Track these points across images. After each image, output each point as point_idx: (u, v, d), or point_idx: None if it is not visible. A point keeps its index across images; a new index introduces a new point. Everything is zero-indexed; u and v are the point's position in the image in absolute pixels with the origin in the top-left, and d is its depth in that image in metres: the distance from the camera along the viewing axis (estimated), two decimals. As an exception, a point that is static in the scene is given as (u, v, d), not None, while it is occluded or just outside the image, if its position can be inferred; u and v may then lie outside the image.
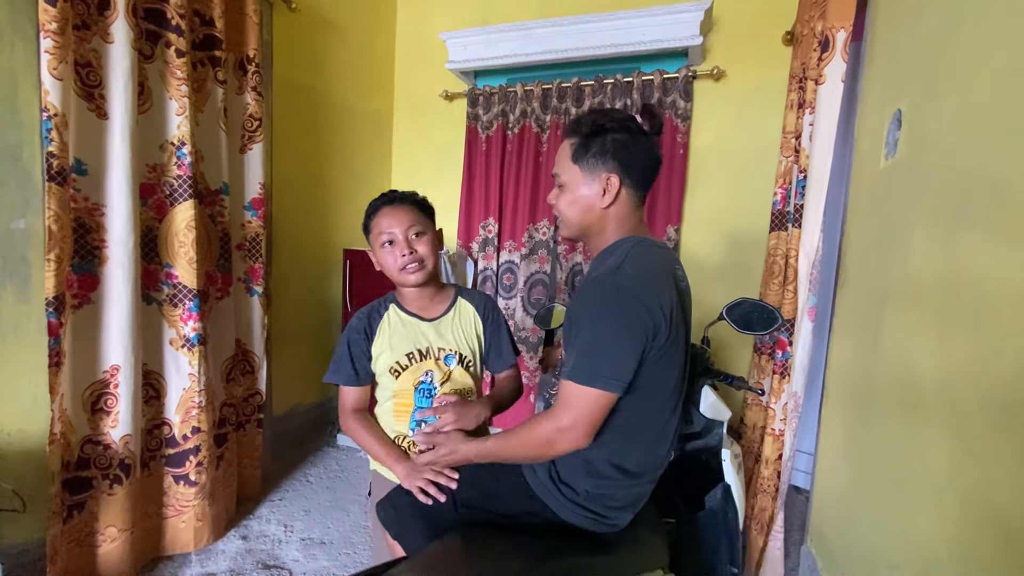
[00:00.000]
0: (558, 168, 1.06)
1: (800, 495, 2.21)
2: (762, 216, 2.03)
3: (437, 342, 1.23)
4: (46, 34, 1.25)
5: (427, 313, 1.24)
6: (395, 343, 1.21)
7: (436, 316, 1.24)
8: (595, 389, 0.88)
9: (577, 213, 1.04)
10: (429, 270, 1.19)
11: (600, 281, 0.93)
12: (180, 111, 1.57)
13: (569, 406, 0.90)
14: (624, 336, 0.89)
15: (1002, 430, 0.77)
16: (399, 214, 1.18)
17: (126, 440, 1.49)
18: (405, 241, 1.16)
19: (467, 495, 1.08)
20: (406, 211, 1.19)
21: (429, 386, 1.20)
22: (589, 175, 1.01)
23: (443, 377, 1.21)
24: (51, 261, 1.29)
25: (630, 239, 1.01)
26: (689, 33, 2.29)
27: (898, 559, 1.06)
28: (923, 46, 1.19)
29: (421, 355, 1.21)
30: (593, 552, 0.96)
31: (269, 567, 1.70)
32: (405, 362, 1.20)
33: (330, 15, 2.55)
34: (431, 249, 1.20)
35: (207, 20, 1.68)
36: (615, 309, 0.90)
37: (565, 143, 1.05)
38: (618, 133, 0.99)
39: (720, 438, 1.20)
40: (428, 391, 1.20)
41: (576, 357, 0.91)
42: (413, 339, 1.21)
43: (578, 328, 0.93)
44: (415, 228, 1.18)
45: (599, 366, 0.88)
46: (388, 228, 1.17)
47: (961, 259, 0.92)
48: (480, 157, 2.84)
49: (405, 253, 1.15)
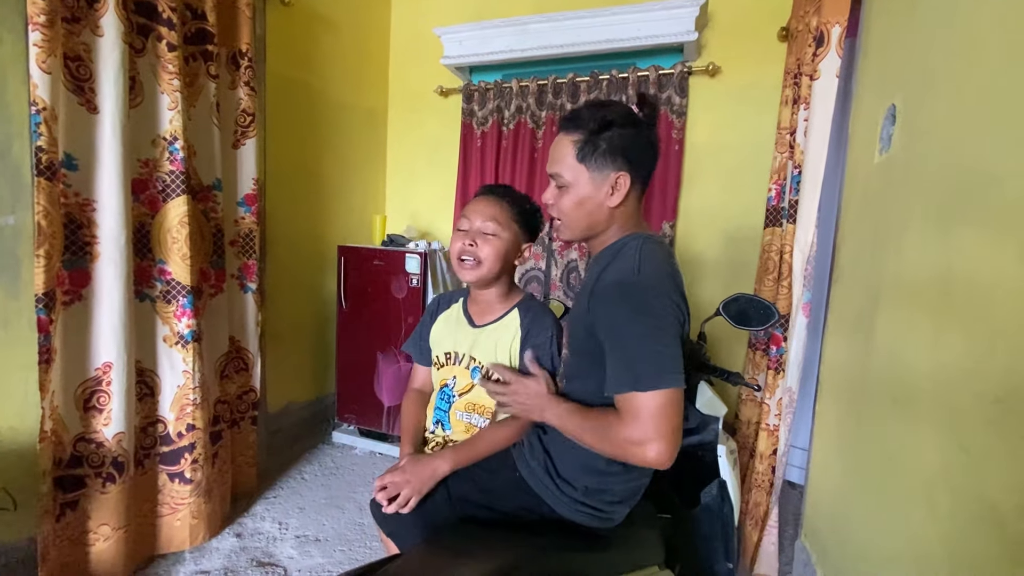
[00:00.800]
0: (558, 167, 0.99)
1: (794, 490, 2.22)
2: (757, 212, 2.03)
3: (472, 351, 1.17)
4: (34, 27, 1.24)
5: (479, 319, 1.20)
6: (443, 337, 1.20)
7: (483, 324, 1.19)
8: (660, 391, 0.82)
9: (583, 214, 0.99)
10: (483, 274, 1.13)
11: (625, 285, 0.90)
12: (172, 106, 1.55)
13: (637, 418, 0.83)
14: (664, 333, 0.86)
15: (995, 425, 0.77)
16: (483, 206, 1.14)
17: (119, 438, 1.48)
18: (474, 233, 1.12)
19: (463, 490, 1.07)
20: (494, 205, 1.14)
21: (450, 392, 1.17)
22: (597, 174, 0.96)
23: (464, 387, 1.17)
24: (40, 257, 1.28)
25: (636, 236, 0.99)
26: (684, 29, 2.28)
27: (891, 553, 1.07)
28: (917, 41, 1.19)
29: (456, 358, 1.18)
30: (589, 548, 0.96)
31: (264, 564, 1.69)
32: (443, 359, 1.19)
33: (324, 10, 2.53)
34: (496, 254, 1.12)
35: (199, 14, 1.66)
36: (648, 310, 0.87)
37: (565, 139, 0.98)
38: (624, 128, 0.96)
39: (716, 434, 1.20)
40: (448, 396, 1.17)
41: (626, 367, 0.85)
42: (455, 340, 1.19)
43: (615, 338, 0.88)
44: (490, 225, 1.12)
45: (653, 365, 0.83)
46: (468, 213, 1.14)
47: (955, 254, 0.93)
48: (475, 153, 2.83)
49: (467, 243, 1.11)
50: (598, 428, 0.89)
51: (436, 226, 3.09)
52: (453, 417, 1.18)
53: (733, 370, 1.26)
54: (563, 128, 1.00)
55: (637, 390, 0.83)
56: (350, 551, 1.78)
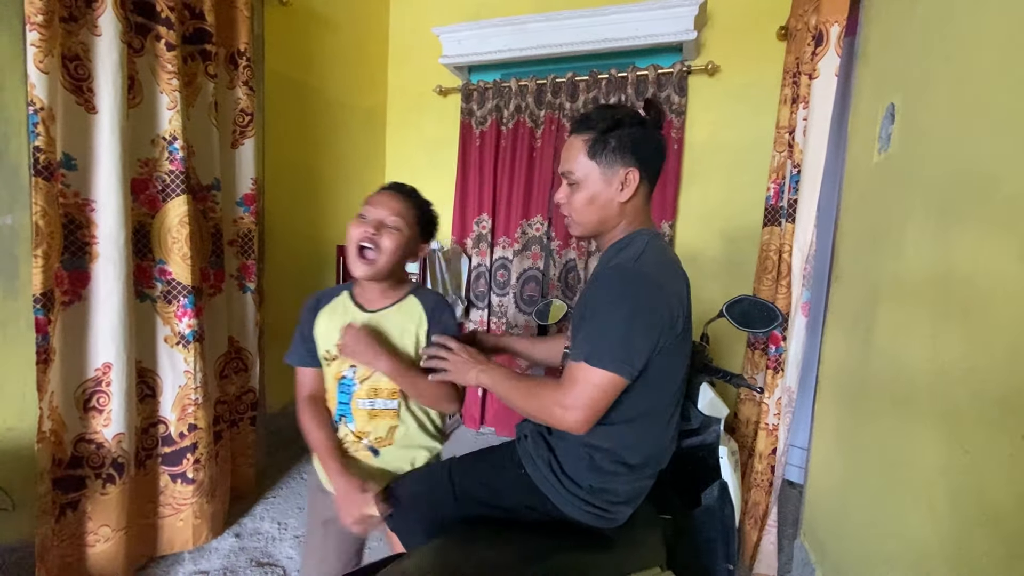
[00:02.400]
0: (570, 165, 1.02)
1: (794, 489, 2.22)
2: (756, 211, 2.03)
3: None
4: (32, 26, 1.23)
5: (370, 304, 1.17)
6: (331, 330, 1.15)
7: (377, 308, 1.16)
8: (605, 371, 0.86)
9: (594, 210, 1.02)
10: (380, 267, 1.10)
11: (621, 268, 0.93)
12: (171, 105, 1.55)
13: (575, 385, 0.89)
14: (640, 322, 0.88)
15: (993, 424, 0.77)
16: (389, 200, 1.13)
17: (119, 439, 1.48)
18: (376, 223, 1.10)
19: (468, 486, 1.07)
20: (401, 201, 1.13)
21: (350, 382, 1.14)
22: (608, 171, 0.99)
23: (366, 373, 1.13)
24: (38, 257, 1.27)
25: (644, 232, 1.02)
26: (683, 28, 2.29)
27: (890, 553, 1.07)
28: (916, 40, 1.19)
29: None
30: (591, 549, 0.96)
31: (263, 565, 1.69)
32: (334, 352, 1.14)
33: (322, 9, 2.53)
34: (395, 247, 1.10)
35: (197, 13, 1.66)
36: (634, 295, 0.90)
37: (576, 139, 1.02)
38: (633, 127, 0.99)
39: (717, 435, 1.20)
40: (348, 386, 1.14)
41: (588, 339, 0.90)
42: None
43: (592, 312, 0.91)
44: (394, 220, 1.11)
45: (611, 348, 0.87)
46: (373, 204, 1.12)
47: (953, 253, 0.93)
48: (474, 152, 2.83)
49: (369, 231, 1.08)
50: (530, 387, 0.97)
51: (435, 226, 3.08)
52: (355, 407, 1.15)
53: (734, 371, 1.26)
54: (574, 130, 1.04)
55: (586, 362, 0.88)
56: (350, 551, 1.78)
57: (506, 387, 1.01)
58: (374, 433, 1.16)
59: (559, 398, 0.90)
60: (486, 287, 2.84)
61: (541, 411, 0.94)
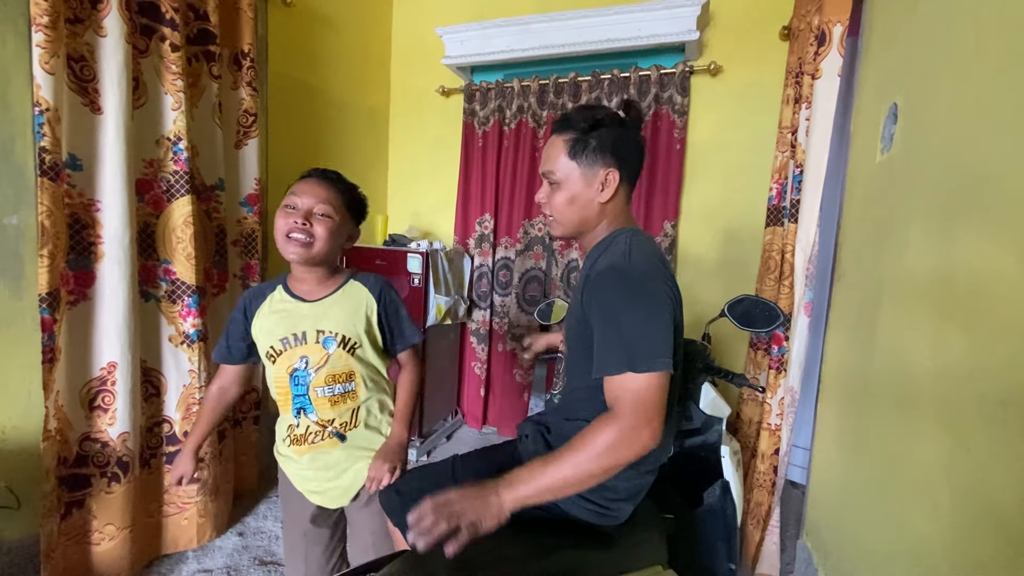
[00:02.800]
0: (550, 165, 1.03)
1: (796, 489, 2.22)
2: (759, 211, 2.03)
3: (316, 324, 1.14)
4: (38, 28, 1.24)
5: (311, 295, 1.17)
6: (272, 327, 1.14)
7: (319, 297, 1.16)
8: (657, 373, 0.82)
9: (575, 211, 1.03)
10: (314, 253, 1.10)
11: (618, 269, 0.92)
12: (176, 106, 1.55)
13: (634, 401, 0.82)
14: (661, 317, 0.88)
15: (997, 424, 0.77)
16: (316, 188, 1.12)
17: (124, 438, 1.49)
18: (305, 213, 1.09)
19: (470, 484, 1.08)
20: (325, 189, 1.13)
21: (304, 372, 1.13)
22: (588, 171, 1.00)
23: (319, 361, 1.14)
24: (44, 257, 1.28)
25: (625, 230, 1.02)
26: (686, 28, 2.28)
27: (893, 553, 1.07)
28: (919, 40, 1.19)
29: (296, 339, 1.14)
30: (593, 547, 0.97)
31: (266, 563, 1.70)
32: (280, 347, 1.13)
33: (326, 10, 2.53)
34: (328, 234, 1.11)
35: (201, 14, 1.67)
36: (644, 292, 0.89)
37: (557, 140, 1.02)
38: (613, 127, 1.00)
39: (719, 435, 1.21)
40: (303, 377, 1.14)
41: (619, 347, 0.85)
42: (292, 323, 1.14)
43: (606, 319, 0.89)
44: (323, 207, 1.11)
45: (653, 349, 0.84)
46: (299, 193, 1.11)
47: (956, 253, 0.93)
48: (477, 153, 2.83)
49: (298, 221, 1.08)
50: (578, 451, 0.82)
51: (438, 226, 3.09)
52: (314, 396, 1.15)
53: (736, 371, 1.26)
54: (555, 130, 1.04)
55: (633, 371, 0.83)
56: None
57: (550, 474, 0.82)
58: (339, 419, 1.17)
59: (623, 423, 0.81)
60: (488, 287, 2.85)
61: (613, 456, 0.81)
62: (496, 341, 2.90)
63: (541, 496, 0.82)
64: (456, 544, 0.78)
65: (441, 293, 2.51)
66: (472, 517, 0.80)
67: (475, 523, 0.80)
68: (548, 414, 1.14)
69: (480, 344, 2.89)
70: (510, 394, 2.87)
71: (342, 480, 1.18)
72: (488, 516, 0.81)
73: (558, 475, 0.82)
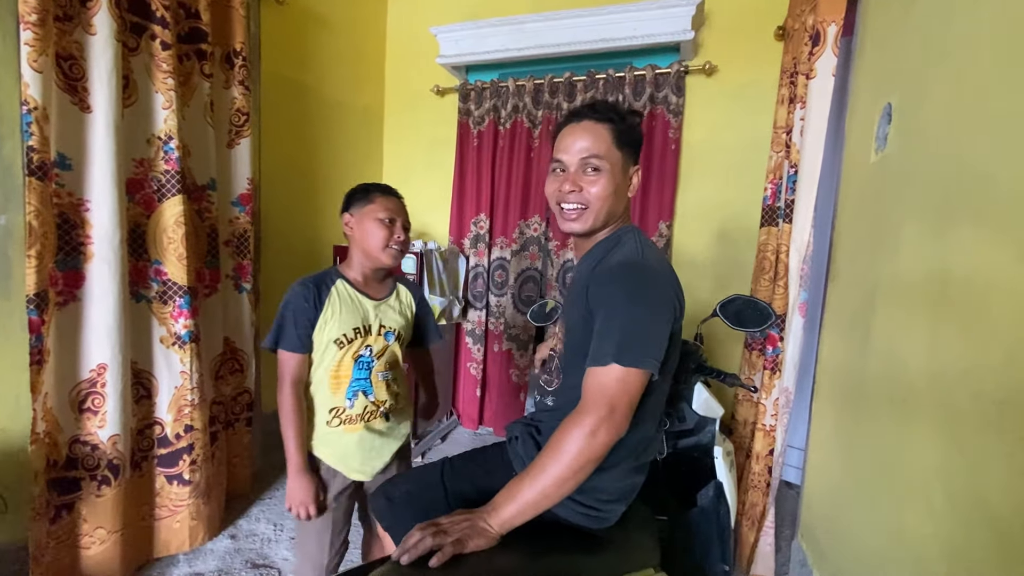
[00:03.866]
0: (599, 149, 0.96)
1: (791, 490, 2.22)
2: (753, 212, 2.03)
3: (381, 320, 1.32)
4: (26, 26, 1.23)
5: (374, 293, 1.34)
6: (343, 316, 1.27)
7: (381, 297, 1.35)
8: (640, 370, 0.83)
9: (613, 202, 0.98)
10: (404, 255, 1.35)
11: (632, 264, 0.92)
12: (167, 105, 1.54)
13: (609, 390, 0.83)
14: (660, 318, 0.88)
15: (991, 425, 0.77)
16: (402, 207, 1.35)
17: (114, 440, 1.47)
18: (403, 228, 1.32)
19: (459, 488, 1.07)
20: (404, 208, 1.37)
21: (368, 359, 1.29)
22: (628, 162, 1.00)
23: (381, 350, 1.31)
24: (32, 257, 1.26)
25: (629, 229, 1.02)
26: (681, 28, 2.28)
27: (888, 554, 1.07)
28: (913, 40, 1.19)
29: (365, 331, 1.29)
30: (585, 551, 0.96)
31: (258, 566, 1.69)
32: (351, 335, 1.27)
33: (319, 8, 2.52)
34: (408, 240, 1.36)
35: (193, 13, 1.65)
36: (650, 292, 0.89)
37: (597, 126, 0.97)
38: (639, 124, 1.01)
39: (713, 435, 1.20)
40: (367, 363, 1.29)
41: (610, 339, 0.85)
42: (361, 315, 1.29)
43: (609, 312, 0.88)
44: (407, 220, 1.36)
45: (645, 347, 0.84)
46: (394, 211, 1.30)
47: (951, 253, 0.93)
48: (472, 152, 2.82)
49: (401, 238, 1.30)
50: (548, 459, 0.82)
51: (432, 226, 3.08)
52: (375, 380, 1.30)
53: (730, 371, 1.26)
54: (588, 116, 0.98)
55: (618, 363, 0.83)
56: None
57: (527, 489, 0.83)
58: (389, 400, 1.33)
59: (595, 415, 0.81)
60: (484, 287, 2.84)
61: (582, 455, 0.81)
62: (492, 341, 2.89)
63: (527, 512, 0.83)
64: (440, 557, 0.78)
65: (436, 293, 2.50)
66: (457, 535, 0.81)
67: (461, 540, 0.81)
68: (539, 415, 1.13)
69: (476, 344, 2.88)
70: (506, 395, 2.86)
71: (383, 453, 1.32)
72: (474, 537, 0.82)
73: (536, 487, 0.83)
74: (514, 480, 0.86)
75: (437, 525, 0.83)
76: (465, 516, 0.85)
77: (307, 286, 1.27)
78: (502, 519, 0.83)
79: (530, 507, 0.83)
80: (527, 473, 0.84)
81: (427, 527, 0.83)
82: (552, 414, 1.08)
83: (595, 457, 0.82)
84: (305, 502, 1.23)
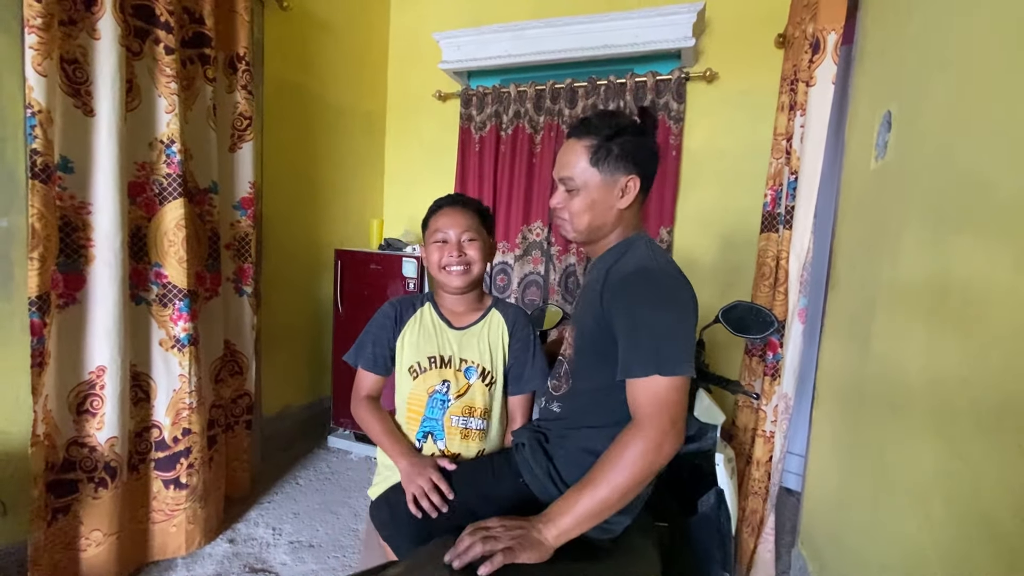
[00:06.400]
0: (569, 171, 1.02)
1: (791, 497, 2.21)
2: (754, 218, 2.03)
3: (460, 352, 1.18)
4: (31, 30, 1.23)
5: (458, 321, 1.21)
6: (421, 342, 1.18)
7: (465, 325, 1.21)
8: (683, 377, 0.85)
9: (593, 217, 1.03)
10: (474, 276, 1.18)
11: (649, 271, 0.94)
12: (169, 109, 1.55)
13: (665, 403, 0.83)
14: (686, 321, 0.91)
15: (990, 432, 0.77)
16: (458, 216, 1.18)
17: (112, 442, 1.47)
18: (457, 243, 1.17)
19: (463, 496, 1.06)
20: (465, 215, 1.19)
21: (443, 397, 1.15)
22: (609, 178, 1.01)
23: (460, 390, 1.16)
24: (34, 260, 1.27)
25: (640, 236, 1.05)
26: (682, 35, 2.29)
27: (888, 561, 1.07)
28: (913, 48, 1.20)
29: (442, 361, 1.17)
30: (586, 559, 0.95)
31: (257, 571, 1.68)
32: (425, 364, 1.16)
33: (322, 14, 2.54)
34: (480, 256, 1.18)
35: (197, 17, 1.66)
36: (674, 296, 0.91)
37: (577, 145, 1.02)
38: (634, 135, 1.01)
39: (714, 442, 1.20)
40: (442, 402, 1.15)
41: (647, 349, 0.86)
42: (438, 344, 1.18)
43: (634, 321, 0.89)
44: (469, 233, 1.18)
45: (679, 352, 0.85)
46: (445, 228, 1.17)
47: (950, 260, 0.93)
48: (473, 158, 2.83)
49: (454, 254, 1.16)
50: (609, 469, 0.82)
51: (433, 230, 3.08)
52: (448, 424, 1.15)
53: (731, 378, 1.26)
54: (573, 134, 1.04)
55: (660, 373, 0.84)
56: (344, 557, 1.77)
57: (587, 500, 0.83)
58: (465, 453, 1.16)
59: (658, 428, 0.82)
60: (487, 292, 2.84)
61: (644, 467, 0.82)
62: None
63: (583, 524, 0.83)
64: (490, 566, 0.78)
65: (436, 298, 2.50)
66: (509, 543, 0.80)
67: (512, 549, 0.80)
68: (546, 422, 1.13)
69: (475, 349, 2.87)
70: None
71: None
72: (527, 548, 0.81)
73: (596, 498, 0.83)
74: (571, 491, 0.85)
75: (487, 529, 0.83)
76: (519, 523, 0.84)
77: (394, 304, 1.22)
78: (560, 529, 0.83)
79: (588, 519, 0.83)
80: (585, 485, 0.84)
81: (476, 531, 0.83)
82: (560, 423, 1.08)
83: (657, 470, 0.84)
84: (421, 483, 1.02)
